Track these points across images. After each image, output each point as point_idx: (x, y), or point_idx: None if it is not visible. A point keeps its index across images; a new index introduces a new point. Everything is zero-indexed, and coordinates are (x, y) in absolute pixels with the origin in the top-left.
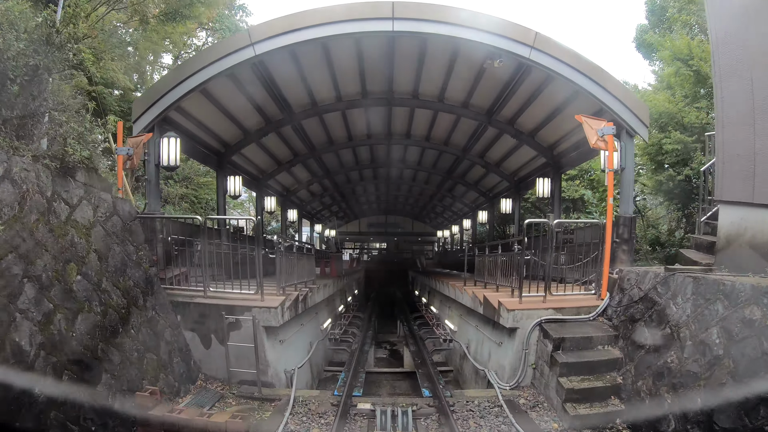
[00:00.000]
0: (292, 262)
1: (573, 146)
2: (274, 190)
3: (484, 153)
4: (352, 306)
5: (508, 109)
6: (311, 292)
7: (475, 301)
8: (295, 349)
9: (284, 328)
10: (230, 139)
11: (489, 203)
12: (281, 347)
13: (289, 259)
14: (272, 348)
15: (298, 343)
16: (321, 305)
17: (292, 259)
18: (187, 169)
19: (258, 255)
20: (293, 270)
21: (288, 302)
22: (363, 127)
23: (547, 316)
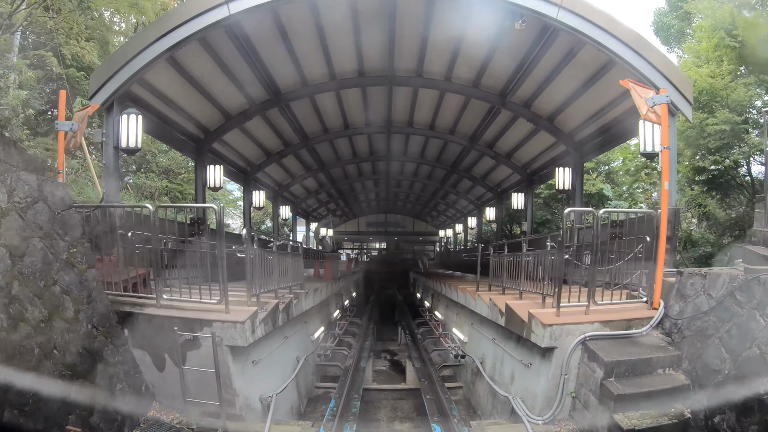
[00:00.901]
0: (272, 263)
1: (600, 130)
2: (263, 184)
3: (494, 142)
4: (349, 310)
5: (526, 86)
6: (298, 299)
7: (494, 311)
8: (276, 368)
9: (258, 345)
10: (209, 123)
11: (497, 199)
12: (254, 370)
13: (268, 260)
14: (241, 372)
15: (280, 360)
16: (312, 312)
17: (272, 260)
18: (167, 160)
19: (221, 253)
20: (273, 273)
21: (262, 314)
22: (360, 113)
23: (593, 332)
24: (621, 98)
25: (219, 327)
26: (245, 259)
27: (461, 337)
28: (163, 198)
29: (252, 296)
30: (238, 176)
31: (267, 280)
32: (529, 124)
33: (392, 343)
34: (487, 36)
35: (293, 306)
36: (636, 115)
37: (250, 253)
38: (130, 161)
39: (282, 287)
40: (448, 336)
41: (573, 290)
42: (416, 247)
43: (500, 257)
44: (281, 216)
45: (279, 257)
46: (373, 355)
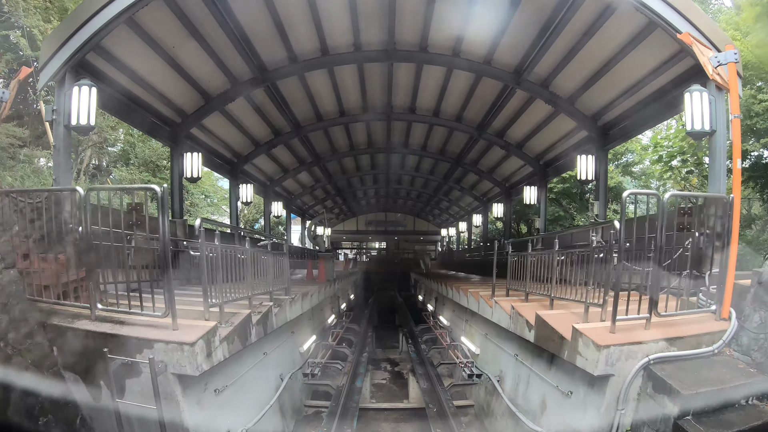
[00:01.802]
0: (245, 263)
1: (630, 111)
2: (253, 177)
3: (505, 130)
4: (346, 315)
5: (546, 62)
6: (280, 307)
7: (518, 322)
8: (250, 393)
9: (222, 369)
10: (186, 105)
11: (505, 194)
12: (218, 400)
13: (238, 260)
14: (197, 405)
15: (257, 382)
16: (301, 321)
17: (244, 260)
18: (148, 151)
19: (164, 250)
20: (247, 276)
21: (225, 330)
22: (356, 96)
23: (659, 354)
24: (658, 71)
25: (162, 350)
26: (200, 261)
27: (472, 348)
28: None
29: (211, 307)
30: (223, 168)
31: (237, 286)
32: (546, 108)
33: (393, 351)
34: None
35: (273, 316)
36: (677, 88)
37: (205, 250)
38: (113, 156)
39: (260, 293)
40: (458, 348)
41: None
42: (417, 246)
43: (522, 257)
44: (274, 213)
45: (255, 257)
46: (371, 368)
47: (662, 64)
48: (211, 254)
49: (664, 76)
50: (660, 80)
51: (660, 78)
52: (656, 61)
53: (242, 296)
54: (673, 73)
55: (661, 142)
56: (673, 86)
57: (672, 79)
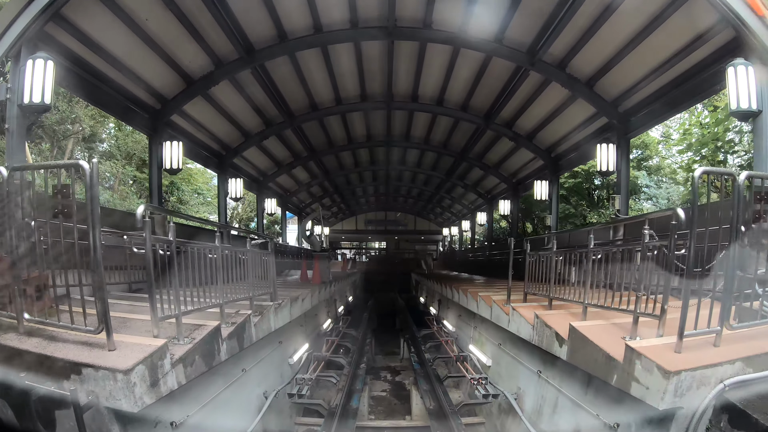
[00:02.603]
0: (215, 264)
1: (657, 93)
2: (244, 172)
3: (514, 120)
4: (344, 319)
5: (563, 40)
6: (261, 316)
7: (544, 334)
8: (223, 421)
9: (180, 397)
10: (166, 90)
11: (512, 190)
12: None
13: (203, 259)
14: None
15: (232, 405)
16: (290, 329)
17: (214, 260)
18: (131, 143)
19: (93, 243)
20: (218, 279)
21: (181, 349)
22: (354, 81)
23: (735, 377)
24: (689, 48)
25: (91, 377)
26: (146, 258)
27: (482, 359)
28: (123, 188)
29: (162, 319)
30: (210, 161)
31: (206, 292)
32: (561, 94)
33: (393, 358)
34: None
35: (252, 326)
36: (711, 66)
37: (150, 245)
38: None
39: (237, 299)
40: (467, 359)
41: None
42: (418, 246)
43: (545, 257)
44: (268, 210)
45: (230, 256)
46: (370, 378)
47: (695, 40)
48: (162, 253)
49: (697, 53)
50: (691, 58)
51: (691, 56)
52: (688, 37)
53: (210, 304)
54: (708, 49)
55: (690, 129)
56: (706, 64)
57: (705, 57)
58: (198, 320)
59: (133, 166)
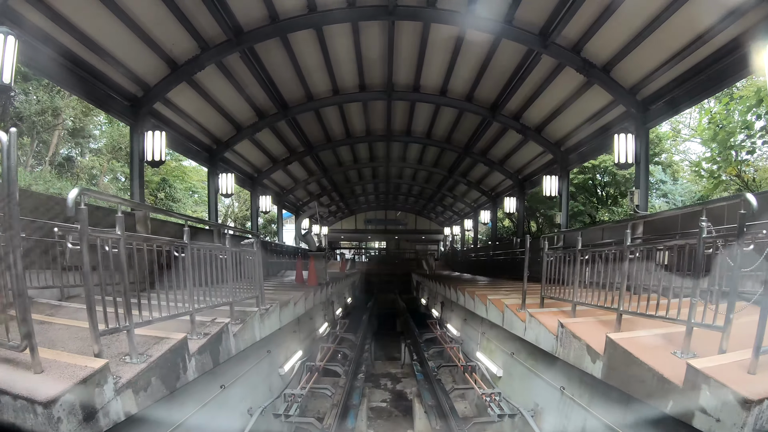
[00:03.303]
0: (184, 264)
1: (680, 78)
2: (236, 167)
3: (521, 112)
4: (341, 322)
5: (577, 22)
6: (244, 324)
7: (571, 346)
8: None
9: (136, 427)
10: (149, 76)
11: (518, 187)
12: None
13: (169, 259)
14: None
15: (207, 428)
16: (281, 335)
17: (184, 259)
18: (117, 136)
19: (11, 239)
20: (187, 281)
21: (130, 370)
22: (352, 68)
23: None
24: (715, 28)
25: (10, 407)
26: (82, 256)
27: (492, 369)
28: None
29: (106, 333)
30: (199, 155)
31: (169, 297)
32: (575, 81)
33: (393, 364)
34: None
35: (231, 337)
36: (741, 48)
37: (86, 238)
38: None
39: (213, 306)
40: (475, 370)
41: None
42: (418, 246)
43: (567, 256)
44: (263, 208)
45: (202, 255)
46: (370, 385)
47: (724, 18)
48: (114, 249)
49: (725, 34)
50: (719, 39)
51: (719, 37)
52: (717, 15)
53: (175, 313)
54: (739, 28)
55: (715, 117)
56: (733, 47)
57: (735, 37)
58: (160, 332)
59: (121, 161)
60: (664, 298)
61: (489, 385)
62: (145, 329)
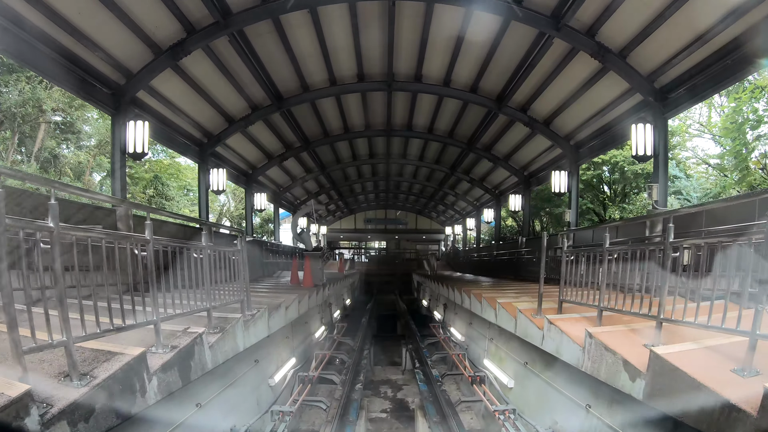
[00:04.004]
0: (147, 261)
1: (703, 63)
2: (229, 163)
3: (529, 103)
4: (340, 324)
5: (589, 4)
6: (223, 333)
7: (603, 360)
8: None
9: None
10: (131, 62)
11: (524, 183)
12: None
13: (112, 256)
14: None
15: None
16: (271, 343)
17: (145, 257)
18: (104, 130)
19: None
20: (148, 283)
21: (68, 396)
22: (349, 52)
23: None
24: (740, 9)
25: None
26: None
27: (502, 379)
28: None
29: (34, 350)
30: (188, 149)
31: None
32: (588, 67)
33: (394, 370)
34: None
35: (207, 349)
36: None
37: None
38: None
39: (182, 314)
40: (484, 381)
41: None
42: (419, 246)
43: (592, 255)
44: (258, 206)
45: (169, 253)
46: (369, 395)
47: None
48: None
49: (758, 11)
50: (750, 17)
51: (749, 15)
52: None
53: (131, 324)
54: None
55: (741, 104)
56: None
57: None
58: (116, 346)
59: (105, 155)
60: (707, 303)
61: (499, 397)
62: (95, 343)
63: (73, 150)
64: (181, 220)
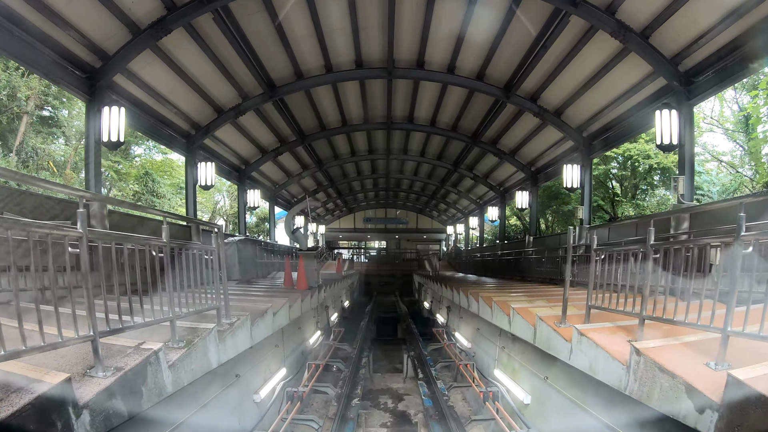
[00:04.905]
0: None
1: (732, 44)
2: (220, 157)
3: (540, 91)
4: (335, 332)
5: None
6: (190, 349)
7: (655, 383)
8: None
9: None
10: (106, 41)
11: (531, 180)
12: None
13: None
14: None
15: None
16: (257, 354)
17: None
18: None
19: None
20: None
21: None
22: (346, 37)
23: None
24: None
25: None
26: None
27: (517, 394)
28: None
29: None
30: (174, 141)
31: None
32: (604, 52)
33: (395, 377)
34: None
35: (163, 370)
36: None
37: None
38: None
39: (130, 326)
40: (498, 398)
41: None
42: (420, 246)
43: (632, 254)
44: (251, 204)
45: (108, 250)
46: (367, 406)
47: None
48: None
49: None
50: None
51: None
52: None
53: (53, 343)
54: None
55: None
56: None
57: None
58: (33, 370)
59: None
60: None
61: (513, 414)
62: (11, 364)
63: (64, 144)
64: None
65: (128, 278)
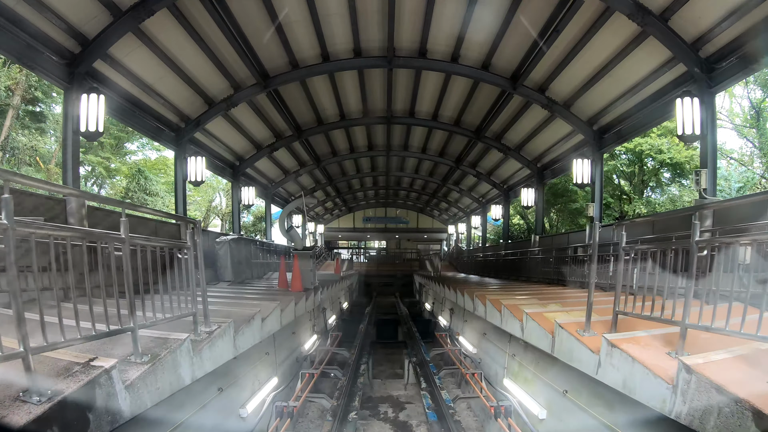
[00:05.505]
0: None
1: (753, 30)
2: (212, 153)
3: (548, 82)
4: (333, 336)
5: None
6: (155, 365)
7: (714, 411)
8: None
9: None
10: (85, 24)
11: (537, 176)
12: None
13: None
14: None
15: None
16: (243, 364)
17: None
18: None
19: None
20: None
21: None
22: (345, 25)
23: None
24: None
25: None
26: None
27: (530, 407)
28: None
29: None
30: (162, 134)
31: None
32: (618, 39)
33: (395, 384)
34: None
35: (118, 392)
36: None
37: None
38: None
39: (84, 338)
40: (510, 413)
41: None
42: (420, 246)
43: (670, 251)
44: (245, 201)
45: (46, 246)
46: (366, 416)
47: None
48: None
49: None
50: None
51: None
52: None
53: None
54: None
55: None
56: None
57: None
58: None
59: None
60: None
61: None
62: None
63: (54, 138)
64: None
65: (72, 280)
